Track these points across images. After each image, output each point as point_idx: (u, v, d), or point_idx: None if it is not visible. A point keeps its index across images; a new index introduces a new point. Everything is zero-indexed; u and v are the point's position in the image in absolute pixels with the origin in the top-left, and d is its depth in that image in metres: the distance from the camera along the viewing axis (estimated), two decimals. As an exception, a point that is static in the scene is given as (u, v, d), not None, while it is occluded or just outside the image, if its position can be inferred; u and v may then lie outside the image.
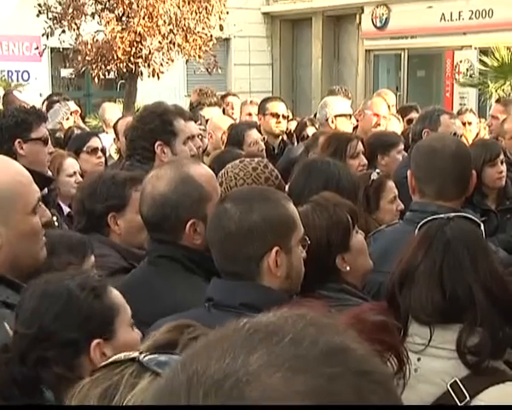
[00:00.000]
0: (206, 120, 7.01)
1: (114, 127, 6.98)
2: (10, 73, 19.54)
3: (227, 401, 0.75)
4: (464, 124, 7.24)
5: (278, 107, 7.22)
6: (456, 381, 2.52)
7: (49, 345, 2.07)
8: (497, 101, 8.54)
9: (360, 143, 5.19)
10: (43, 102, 9.63)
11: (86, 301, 2.17)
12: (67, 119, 8.43)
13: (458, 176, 3.75)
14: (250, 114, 7.65)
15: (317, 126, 7.32)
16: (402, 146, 5.68)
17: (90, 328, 2.14)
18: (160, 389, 0.82)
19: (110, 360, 1.63)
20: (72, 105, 9.05)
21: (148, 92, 15.03)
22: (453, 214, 3.08)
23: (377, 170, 4.90)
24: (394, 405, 0.83)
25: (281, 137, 7.11)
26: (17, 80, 18.91)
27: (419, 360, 2.60)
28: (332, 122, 6.79)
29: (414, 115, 7.31)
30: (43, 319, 2.10)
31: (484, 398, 2.49)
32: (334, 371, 0.78)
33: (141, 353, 1.52)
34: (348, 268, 3.14)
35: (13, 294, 2.46)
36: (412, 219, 3.52)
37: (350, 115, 6.75)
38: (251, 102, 8.03)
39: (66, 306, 2.14)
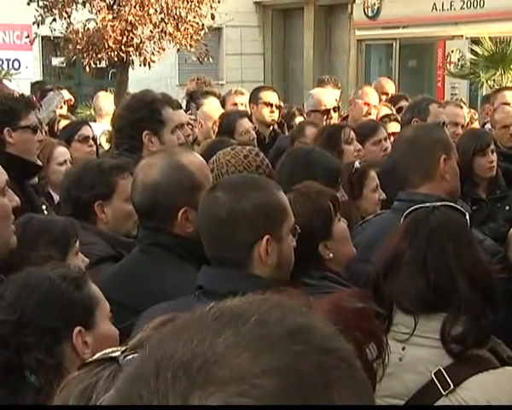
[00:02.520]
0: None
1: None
2: (1, 62, 19.51)
3: (195, 381, 0.76)
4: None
5: (271, 96, 7.20)
6: (440, 370, 2.53)
7: (31, 331, 2.08)
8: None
9: (352, 131, 5.19)
10: (31, 90, 9.63)
11: (67, 291, 2.19)
12: (61, 107, 8.45)
13: (414, 160, 3.77)
14: (235, 104, 7.60)
15: (305, 115, 7.33)
16: (380, 136, 5.60)
17: (70, 316, 2.16)
18: (129, 374, 0.83)
19: (96, 356, 1.63)
20: (66, 94, 9.06)
21: (139, 81, 15.02)
22: (439, 204, 3.09)
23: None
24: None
25: (272, 127, 7.09)
26: (8, 69, 18.84)
27: (404, 349, 2.61)
28: (308, 116, 6.84)
29: (403, 104, 7.29)
30: (25, 306, 2.12)
31: (468, 386, 2.50)
32: (299, 349, 0.79)
33: (124, 351, 1.53)
34: (331, 255, 3.15)
35: None
36: (400, 208, 3.51)
37: (325, 111, 6.69)
38: (235, 91, 7.95)
39: (48, 294, 2.15)
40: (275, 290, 0.94)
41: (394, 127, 6.15)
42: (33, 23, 15.90)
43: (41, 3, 15.64)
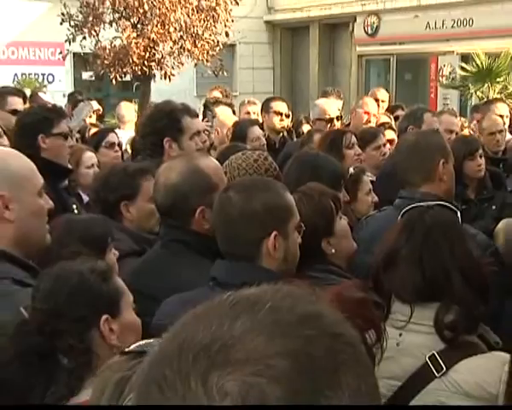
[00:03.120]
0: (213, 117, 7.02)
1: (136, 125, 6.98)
2: (37, 76, 19.54)
3: (214, 362, 0.76)
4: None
5: (281, 106, 7.18)
6: (434, 354, 2.53)
7: (63, 319, 2.09)
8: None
9: (353, 136, 5.16)
10: (68, 101, 9.67)
11: (95, 283, 2.19)
12: (90, 116, 8.48)
13: (415, 163, 3.76)
14: (248, 113, 7.62)
15: (311, 123, 7.33)
16: (379, 142, 5.61)
17: (98, 306, 2.16)
18: (154, 356, 0.82)
19: (133, 346, 1.63)
20: (95, 104, 9.09)
21: (161, 93, 15.01)
22: (433, 203, 3.08)
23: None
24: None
25: (281, 134, 7.09)
26: (43, 82, 18.89)
27: (401, 335, 2.60)
28: (313, 123, 6.83)
29: (400, 113, 7.32)
30: (58, 297, 2.12)
31: (459, 369, 2.50)
32: (309, 334, 0.79)
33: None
34: (333, 251, 3.14)
35: (21, 272, 2.47)
36: (401, 205, 3.50)
37: (329, 119, 6.67)
38: (248, 101, 7.98)
39: (78, 286, 2.15)
40: (284, 282, 0.93)
41: (389, 135, 6.15)
42: (65, 41, 15.99)
43: (72, 23, 15.76)
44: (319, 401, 0.75)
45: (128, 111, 8.73)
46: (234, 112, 7.56)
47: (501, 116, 6.69)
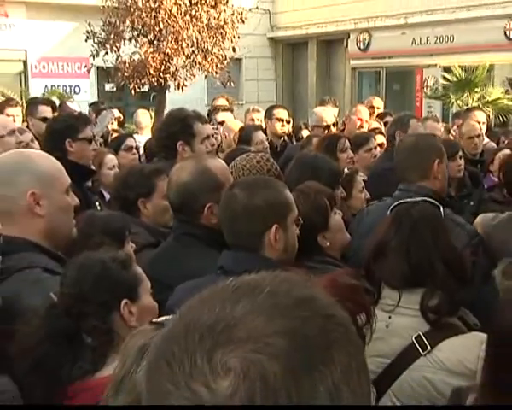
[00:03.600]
0: (220, 123, 7.04)
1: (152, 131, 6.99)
2: (65, 87, 19.57)
3: (218, 341, 0.75)
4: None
5: (283, 113, 7.20)
6: (419, 334, 2.53)
7: (87, 303, 2.08)
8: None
9: (347, 140, 5.17)
10: (92, 109, 9.69)
11: (116, 270, 2.19)
12: (112, 123, 8.52)
13: (415, 162, 3.75)
14: (253, 119, 7.63)
15: (309, 129, 7.33)
16: (371, 145, 5.62)
17: (119, 291, 2.16)
18: (163, 336, 0.82)
19: (161, 319, 1.66)
20: (116, 112, 9.12)
21: (175, 102, 14.97)
22: (419, 199, 3.08)
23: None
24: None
25: (283, 138, 7.08)
26: (70, 93, 18.92)
27: (390, 317, 2.60)
28: (312, 129, 6.83)
29: (389, 119, 7.30)
30: (83, 283, 2.11)
31: (442, 348, 2.51)
32: (304, 315, 0.78)
33: None
34: (328, 244, 3.14)
35: (50, 261, 2.47)
36: (399, 196, 3.52)
37: (326, 126, 6.65)
38: (253, 109, 8.00)
39: (101, 273, 2.15)
40: (283, 269, 0.93)
41: (380, 139, 6.16)
42: (90, 56, 16.00)
43: (96, 40, 15.77)
44: (314, 376, 0.75)
45: (144, 118, 8.73)
46: (233, 116, 7.59)
47: (478, 122, 6.69)
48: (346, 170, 4.66)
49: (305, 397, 0.74)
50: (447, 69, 16.88)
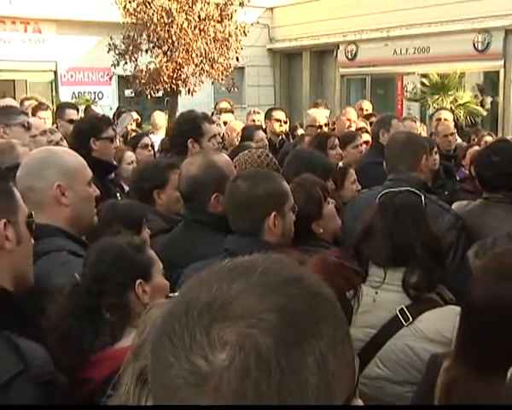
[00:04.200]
0: (223, 123, 7.04)
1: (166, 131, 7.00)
2: (89, 94, 19.57)
3: (215, 317, 0.74)
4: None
5: (281, 114, 7.16)
6: (402, 307, 2.52)
7: (106, 283, 2.06)
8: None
9: (336, 139, 5.14)
10: (113, 114, 9.69)
11: (131, 254, 2.16)
12: (131, 124, 8.55)
13: (406, 157, 3.74)
14: (254, 120, 7.62)
15: (304, 129, 7.31)
16: (357, 142, 5.59)
17: (134, 272, 2.13)
18: (166, 313, 0.80)
19: (175, 294, 1.63)
20: (135, 115, 9.12)
21: (186, 105, 14.94)
22: (403, 189, 3.07)
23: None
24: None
25: (280, 137, 7.06)
26: (94, 98, 18.92)
27: (376, 293, 2.59)
28: (306, 129, 6.79)
29: (373, 119, 7.29)
30: (102, 265, 2.09)
31: (421, 319, 2.50)
32: (294, 293, 0.76)
33: None
34: (321, 230, 3.11)
35: (74, 245, 2.45)
36: (390, 185, 3.49)
37: (319, 126, 6.60)
38: (254, 111, 7.99)
39: (118, 256, 2.13)
40: (278, 251, 0.90)
41: (365, 137, 6.12)
42: (111, 65, 16.05)
43: (117, 52, 15.86)
44: (303, 347, 0.73)
45: (160, 119, 8.72)
46: (235, 117, 7.58)
47: (445, 119, 6.77)
48: (340, 164, 4.64)
49: (295, 367, 0.72)
50: (424, 76, 16.95)
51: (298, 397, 0.72)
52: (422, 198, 3.00)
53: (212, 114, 7.44)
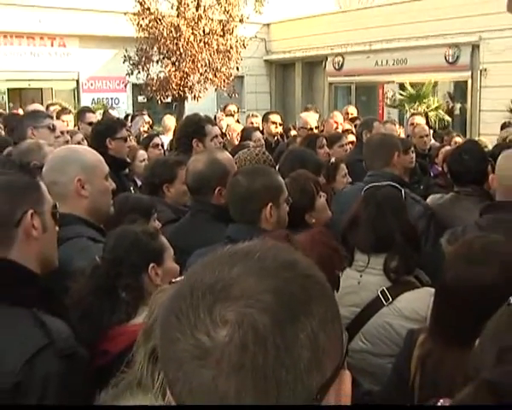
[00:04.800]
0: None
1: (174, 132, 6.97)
2: (107, 100, 19.54)
3: (218, 297, 0.73)
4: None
5: (276, 117, 7.14)
6: (383, 289, 2.52)
7: (123, 266, 2.04)
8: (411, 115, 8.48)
9: (324, 139, 5.12)
10: (127, 117, 9.69)
11: (145, 240, 2.14)
12: (143, 126, 8.51)
13: (380, 154, 3.75)
14: (252, 123, 7.60)
15: (297, 130, 7.30)
16: (343, 141, 5.57)
17: (147, 257, 2.11)
18: (172, 294, 0.79)
19: (177, 279, 1.62)
20: (147, 118, 9.11)
21: (192, 110, 14.86)
22: (385, 183, 3.06)
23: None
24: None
25: (276, 137, 7.03)
26: (111, 104, 18.90)
27: (361, 276, 2.59)
28: (298, 130, 6.78)
29: (358, 122, 7.29)
30: (119, 250, 2.08)
31: (400, 299, 2.51)
32: (288, 276, 0.75)
33: None
34: (314, 221, 3.09)
35: (93, 232, 2.44)
36: (369, 181, 3.50)
37: (310, 128, 6.56)
38: (252, 115, 8.00)
39: (133, 242, 2.11)
40: (271, 234, 0.88)
41: (351, 138, 6.13)
42: (126, 74, 16.06)
43: (131, 62, 15.85)
44: (296, 325, 0.72)
45: (170, 122, 8.67)
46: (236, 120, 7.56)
47: (418, 124, 6.78)
48: (332, 159, 4.64)
49: (289, 343, 0.72)
50: (402, 85, 16.94)
51: (291, 370, 0.71)
52: (402, 192, 2.99)
53: (215, 117, 7.40)
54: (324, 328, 0.75)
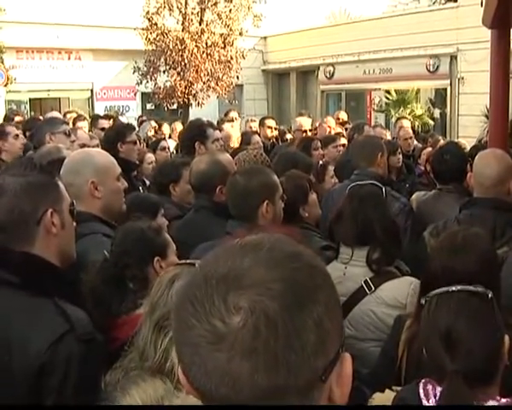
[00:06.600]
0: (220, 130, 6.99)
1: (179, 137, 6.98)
2: (118, 107, 19.54)
3: (230, 286, 0.73)
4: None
5: (272, 122, 7.11)
6: (367, 279, 2.51)
7: (130, 258, 2.05)
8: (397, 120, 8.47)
9: (319, 142, 5.12)
10: (138, 123, 9.71)
11: (151, 235, 2.15)
12: (150, 130, 8.52)
13: (364, 155, 3.75)
14: (251, 127, 7.59)
15: (292, 133, 7.29)
16: (337, 143, 5.54)
17: (152, 250, 2.12)
18: (187, 282, 0.79)
19: (181, 261, 1.66)
20: (153, 123, 9.10)
21: (196, 116, 14.81)
22: (368, 182, 3.07)
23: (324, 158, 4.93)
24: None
25: (271, 140, 7.03)
26: (122, 111, 18.89)
27: (346, 267, 2.58)
28: (293, 133, 6.77)
29: (348, 126, 7.30)
30: (127, 243, 2.09)
31: (382, 288, 2.49)
32: (295, 266, 0.75)
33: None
34: (307, 215, 3.10)
35: (107, 229, 2.44)
36: (355, 179, 3.51)
37: (304, 131, 6.55)
38: (250, 120, 7.96)
39: (140, 237, 2.12)
40: (269, 230, 0.89)
41: (342, 141, 6.04)
42: (136, 84, 16.10)
43: (140, 73, 15.98)
44: (304, 311, 0.73)
45: (179, 127, 8.70)
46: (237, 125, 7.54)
47: (404, 127, 6.78)
48: (321, 161, 4.64)
49: (298, 327, 0.72)
50: (388, 92, 16.95)
51: (300, 353, 0.71)
52: (383, 190, 2.99)
53: (218, 123, 7.37)
54: (328, 314, 0.75)
